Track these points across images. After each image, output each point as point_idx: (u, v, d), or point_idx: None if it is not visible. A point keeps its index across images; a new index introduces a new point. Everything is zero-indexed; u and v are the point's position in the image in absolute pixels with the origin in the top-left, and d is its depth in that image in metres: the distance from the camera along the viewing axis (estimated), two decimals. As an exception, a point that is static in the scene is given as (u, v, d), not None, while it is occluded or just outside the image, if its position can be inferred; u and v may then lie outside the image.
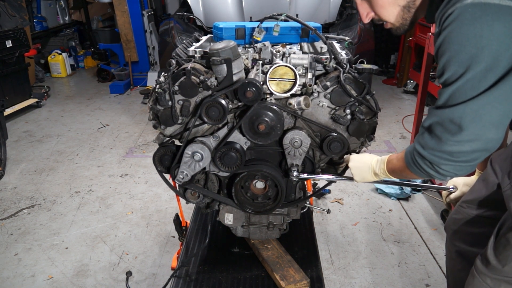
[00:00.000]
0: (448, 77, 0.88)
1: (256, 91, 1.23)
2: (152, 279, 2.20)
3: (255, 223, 1.58)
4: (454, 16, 0.83)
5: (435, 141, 0.95)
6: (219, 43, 1.27)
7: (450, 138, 0.92)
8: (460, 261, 1.51)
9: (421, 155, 1.00)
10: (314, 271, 1.52)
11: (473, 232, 1.43)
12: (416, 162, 1.03)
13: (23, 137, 4.20)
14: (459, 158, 0.93)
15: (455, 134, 0.91)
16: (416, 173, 1.07)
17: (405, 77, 5.39)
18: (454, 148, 0.92)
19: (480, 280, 1.22)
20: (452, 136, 0.91)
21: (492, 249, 1.18)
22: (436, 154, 0.96)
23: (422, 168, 1.02)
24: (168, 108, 1.32)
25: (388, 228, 2.60)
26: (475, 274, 1.24)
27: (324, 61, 1.32)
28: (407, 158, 1.08)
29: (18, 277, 2.24)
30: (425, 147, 0.98)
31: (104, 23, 7.12)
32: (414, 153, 1.03)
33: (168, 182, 1.47)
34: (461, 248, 1.51)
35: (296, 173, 1.34)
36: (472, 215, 1.45)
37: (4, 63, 4.42)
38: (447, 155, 0.94)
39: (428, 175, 1.03)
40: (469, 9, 0.81)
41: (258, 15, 1.49)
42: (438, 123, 0.94)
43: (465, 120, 0.88)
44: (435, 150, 0.96)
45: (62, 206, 2.92)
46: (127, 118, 4.68)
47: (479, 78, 0.84)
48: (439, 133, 0.94)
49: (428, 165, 1.00)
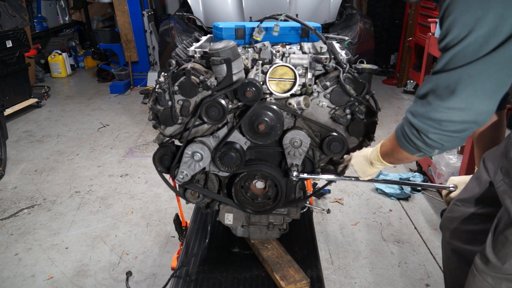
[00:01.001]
0: (449, 40, 0.86)
1: (256, 91, 1.23)
2: (152, 279, 2.20)
3: (255, 223, 1.58)
4: None
5: (425, 107, 0.92)
6: (219, 43, 1.27)
7: (440, 104, 0.89)
8: (456, 259, 1.51)
9: (410, 123, 0.97)
10: (314, 271, 1.52)
11: (468, 230, 1.44)
12: (405, 132, 1.00)
13: (23, 137, 4.20)
14: (448, 127, 0.91)
15: (446, 99, 0.88)
16: (405, 147, 1.03)
17: (405, 77, 5.39)
18: (444, 115, 0.89)
19: (481, 279, 1.21)
20: (443, 102, 0.89)
21: (491, 247, 1.17)
22: (425, 122, 0.93)
23: (410, 139, 0.98)
24: (168, 108, 1.32)
25: (388, 228, 2.60)
26: (476, 273, 1.23)
27: (324, 61, 1.32)
28: (397, 133, 1.05)
29: (18, 277, 2.24)
30: (415, 114, 0.95)
31: (104, 23, 7.12)
32: (404, 123, 1.00)
33: (168, 182, 1.47)
34: (457, 246, 1.50)
35: (296, 173, 1.34)
36: (466, 213, 1.44)
37: (4, 63, 4.42)
38: (435, 124, 0.91)
39: (416, 147, 0.99)
40: None
41: (258, 15, 1.49)
42: (432, 89, 0.91)
43: (459, 85, 0.86)
44: (424, 117, 0.93)
45: (62, 206, 2.92)
46: (127, 118, 4.68)
47: (480, 42, 0.82)
48: (431, 99, 0.91)
49: (416, 135, 0.96)
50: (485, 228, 1.26)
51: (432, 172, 2.85)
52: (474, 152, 1.55)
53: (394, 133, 1.08)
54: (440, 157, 2.69)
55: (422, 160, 3.00)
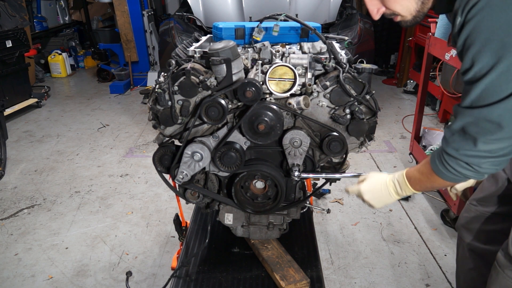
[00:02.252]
0: (478, 70, 0.82)
1: (256, 91, 1.23)
2: (152, 279, 2.20)
3: (255, 223, 1.57)
4: (483, 4, 0.79)
5: (471, 142, 0.91)
6: (219, 43, 1.27)
7: (489, 138, 0.88)
8: (472, 259, 1.51)
9: (456, 159, 0.96)
10: (314, 271, 1.51)
11: (487, 230, 1.43)
12: (451, 167, 0.98)
13: (23, 137, 4.21)
14: (499, 153, 0.90)
15: (494, 133, 0.87)
16: (450, 178, 1.02)
17: (405, 77, 5.39)
18: (494, 146, 0.89)
19: (505, 275, 1.21)
20: (491, 135, 0.88)
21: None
22: (474, 155, 0.92)
23: (459, 172, 0.97)
24: (168, 108, 1.32)
25: (388, 228, 2.60)
26: (499, 270, 1.23)
27: (323, 61, 1.32)
28: (436, 166, 1.03)
29: (18, 277, 2.24)
30: (460, 149, 0.94)
31: (104, 23, 7.12)
32: (446, 158, 0.99)
33: (168, 182, 1.47)
34: (475, 246, 1.50)
35: (298, 173, 1.34)
36: (484, 212, 1.45)
37: (4, 63, 4.42)
38: (486, 153, 0.91)
39: (466, 177, 0.99)
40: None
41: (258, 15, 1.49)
42: (473, 123, 0.89)
43: (505, 118, 0.84)
44: (472, 151, 0.92)
45: (62, 206, 2.92)
46: (127, 118, 4.68)
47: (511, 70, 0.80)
48: (474, 133, 0.90)
49: (466, 167, 0.95)
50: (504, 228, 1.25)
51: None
52: None
53: (431, 165, 1.05)
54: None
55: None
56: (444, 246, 2.41)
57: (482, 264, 1.47)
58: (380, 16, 1.05)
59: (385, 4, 1.00)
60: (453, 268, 2.22)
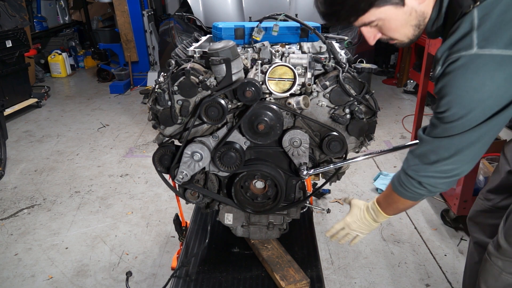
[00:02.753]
0: (448, 115, 0.94)
1: (255, 90, 1.23)
2: (152, 279, 2.20)
3: (255, 223, 1.57)
4: (460, 64, 0.88)
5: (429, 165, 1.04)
6: (218, 43, 1.27)
7: (444, 162, 1.01)
8: (478, 253, 1.55)
9: (413, 179, 1.08)
10: (314, 271, 1.51)
11: (491, 224, 1.48)
12: (406, 186, 1.11)
13: (23, 137, 4.20)
14: (451, 173, 1.03)
15: (449, 158, 1.00)
16: (408, 197, 1.14)
17: (405, 77, 5.39)
18: (448, 167, 1.02)
19: (492, 263, 1.28)
20: (447, 160, 1.01)
21: (502, 233, 1.25)
22: (431, 175, 1.05)
23: (413, 191, 1.10)
24: (168, 108, 1.32)
25: (388, 228, 2.60)
26: (487, 258, 1.30)
27: (323, 60, 1.32)
28: (395, 187, 1.15)
29: (18, 277, 2.24)
30: (419, 171, 1.06)
31: (104, 23, 7.12)
32: (403, 178, 1.12)
33: (168, 182, 1.47)
34: (480, 239, 1.55)
35: (306, 171, 1.34)
36: (488, 206, 1.50)
37: (4, 63, 4.42)
38: (441, 174, 1.03)
39: (420, 195, 1.12)
40: (474, 60, 0.87)
41: (258, 15, 1.49)
42: (433, 151, 1.02)
43: (461, 146, 0.98)
44: (429, 172, 1.04)
45: (62, 206, 2.92)
46: (127, 118, 4.68)
47: (478, 117, 0.93)
48: (433, 158, 1.02)
49: (418, 187, 1.08)
50: None
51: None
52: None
53: (393, 190, 1.17)
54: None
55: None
56: (444, 246, 2.41)
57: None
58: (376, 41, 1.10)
59: (384, 32, 1.04)
60: (453, 268, 2.23)
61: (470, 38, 0.87)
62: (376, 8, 0.95)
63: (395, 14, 0.96)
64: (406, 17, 0.98)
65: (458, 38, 0.89)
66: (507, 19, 0.85)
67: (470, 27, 0.88)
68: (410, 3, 0.95)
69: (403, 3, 0.95)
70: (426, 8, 0.98)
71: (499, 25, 0.85)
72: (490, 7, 0.86)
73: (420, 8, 0.97)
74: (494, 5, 0.86)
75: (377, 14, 0.96)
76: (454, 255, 2.33)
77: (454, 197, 2.47)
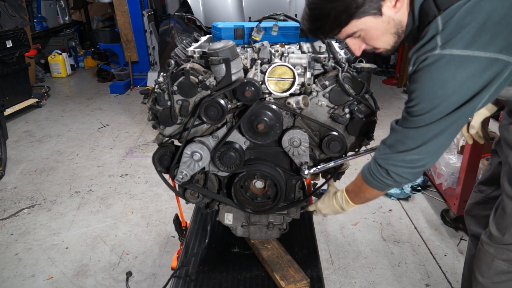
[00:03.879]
0: (416, 110, 1.03)
1: (255, 90, 1.23)
2: (152, 279, 2.20)
3: (255, 223, 1.57)
4: (427, 63, 0.97)
5: (396, 154, 1.10)
6: (218, 43, 1.27)
7: (411, 152, 1.08)
8: (474, 245, 1.60)
9: (381, 167, 1.14)
10: (314, 271, 1.51)
11: (485, 215, 1.54)
12: (374, 175, 1.17)
13: (23, 137, 4.21)
14: (416, 164, 1.09)
15: (415, 148, 1.07)
16: (375, 186, 1.20)
17: (405, 77, 5.39)
18: (413, 157, 1.08)
19: (485, 251, 1.34)
20: (413, 150, 1.07)
21: (493, 222, 1.31)
22: (398, 164, 1.11)
23: (380, 179, 1.16)
24: (167, 108, 1.32)
25: (388, 228, 2.60)
26: (480, 247, 1.36)
27: (322, 60, 1.32)
28: (365, 175, 1.21)
29: (18, 277, 2.24)
30: (388, 160, 1.12)
31: (104, 23, 7.12)
32: (372, 167, 1.18)
33: (168, 182, 1.47)
34: (476, 231, 1.59)
35: (307, 171, 1.34)
36: (481, 197, 1.56)
37: (4, 63, 4.42)
38: (407, 164, 1.10)
39: (386, 185, 1.17)
40: (438, 59, 0.95)
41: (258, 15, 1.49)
42: (401, 140, 1.09)
43: (427, 137, 1.05)
44: (396, 161, 1.11)
45: (62, 206, 2.92)
46: (127, 118, 4.68)
47: (442, 112, 1.00)
48: (401, 148, 1.09)
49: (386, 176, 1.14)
50: None
51: (432, 172, 2.85)
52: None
53: (362, 178, 1.23)
54: (440, 158, 2.68)
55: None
56: (444, 246, 2.41)
57: None
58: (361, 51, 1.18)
59: (367, 42, 1.12)
60: (453, 268, 2.23)
61: (434, 41, 0.96)
62: (357, 20, 1.03)
63: (375, 23, 1.05)
64: (385, 26, 1.06)
65: (425, 41, 0.99)
66: (466, 23, 0.93)
67: (435, 32, 0.97)
68: (387, 13, 1.04)
69: (380, 13, 1.03)
70: (402, 17, 1.06)
71: (459, 29, 0.93)
72: (452, 13, 0.95)
73: (396, 16, 1.05)
74: (455, 11, 0.95)
75: (358, 25, 1.05)
76: (454, 255, 2.33)
77: (454, 197, 2.46)
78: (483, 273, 1.37)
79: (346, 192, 1.33)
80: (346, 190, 1.34)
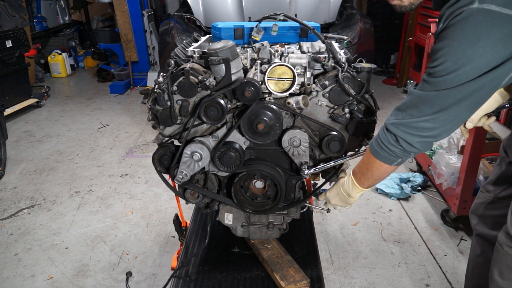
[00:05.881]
0: (439, 70, 0.96)
1: (255, 90, 1.23)
2: (152, 279, 2.20)
3: (255, 223, 1.57)
4: (461, 17, 0.91)
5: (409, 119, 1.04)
6: (218, 43, 1.27)
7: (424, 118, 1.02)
8: (480, 245, 1.57)
9: (391, 133, 1.08)
10: (314, 271, 1.51)
11: (492, 215, 1.50)
12: (383, 144, 1.11)
13: (23, 137, 4.21)
14: (427, 133, 1.04)
15: (431, 113, 1.01)
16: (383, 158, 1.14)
17: (405, 77, 5.39)
18: (426, 124, 1.02)
19: (505, 253, 1.28)
20: (428, 115, 1.01)
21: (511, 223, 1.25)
22: (408, 132, 1.05)
23: (389, 149, 1.10)
24: (167, 108, 1.32)
25: (388, 228, 2.60)
26: (499, 248, 1.30)
27: (322, 60, 1.32)
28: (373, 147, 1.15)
29: (18, 277, 2.24)
30: (399, 125, 1.06)
31: (104, 23, 7.12)
32: (381, 135, 1.12)
33: (168, 183, 1.47)
34: (482, 231, 1.57)
35: (307, 171, 1.34)
36: (489, 198, 1.53)
37: (4, 63, 4.42)
38: (418, 131, 1.04)
39: (395, 156, 1.11)
40: (474, 13, 0.89)
41: (258, 15, 1.49)
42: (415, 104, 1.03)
43: (445, 103, 0.99)
44: (407, 127, 1.05)
45: (62, 206, 2.93)
46: (127, 118, 4.68)
47: (466, 75, 0.94)
48: (415, 112, 1.03)
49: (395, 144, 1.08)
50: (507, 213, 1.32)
51: (432, 172, 2.85)
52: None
53: (369, 150, 1.18)
54: (440, 157, 2.68)
55: (422, 161, 2.99)
56: (444, 246, 2.41)
57: (489, 250, 1.50)
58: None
59: None
60: (453, 268, 2.23)
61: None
62: None
63: None
64: None
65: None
66: None
67: None
68: None
69: None
70: None
71: None
72: None
73: None
74: None
75: None
76: (454, 255, 2.33)
77: (454, 197, 2.46)
78: (504, 276, 1.32)
79: (353, 174, 1.29)
80: (353, 171, 1.29)
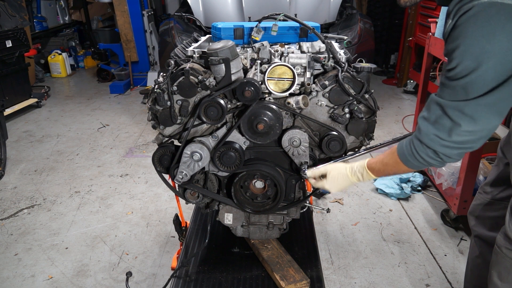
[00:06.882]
0: (460, 71, 0.91)
1: (255, 90, 1.23)
2: (152, 279, 2.20)
3: (255, 222, 1.57)
4: (472, 13, 0.87)
5: (445, 133, 0.99)
6: (218, 43, 1.27)
7: (462, 130, 0.96)
8: (478, 246, 1.57)
9: (428, 148, 1.03)
10: (314, 271, 1.51)
11: (490, 216, 1.50)
12: (419, 155, 1.06)
13: (23, 137, 4.20)
14: (467, 145, 1.00)
15: (466, 125, 0.95)
16: (415, 166, 1.10)
17: (405, 77, 5.39)
18: (465, 138, 0.98)
19: (504, 255, 1.27)
20: (463, 126, 0.96)
21: (509, 225, 1.24)
22: (447, 145, 1.00)
23: (425, 160, 1.05)
24: (167, 108, 1.32)
25: (388, 228, 2.60)
26: (498, 251, 1.29)
27: (322, 60, 1.32)
28: (404, 156, 1.10)
29: (18, 277, 2.24)
30: (435, 140, 1.01)
31: (104, 23, 7.12)
32: (416, 147, 1.06)
33: (168, 183, 1.47)
34: (480, 233, 1.57)
35: (307, 171, 1.34)
36: (487, 199, 1.53)
37: (4, 63, 4.42)
38: (458, 144, 0.99)
39: (429, 165, 1.07)
40: (486, 8, 0.86)
41: (258, 15, 1.49)
42: (447, 114, 0.97)
43: (478, 114, 0.94)
44: (446, 141, 0.99)
45: (62, 206, 2.92)
46: (127, 118, 4.68)
47: (490, 74, 0.89)
48: (447, 124, 0.98)
49: (433, 156, 1.03)
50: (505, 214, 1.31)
51: (432, 172, 2.85)
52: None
53: (398, 155, 1.12)
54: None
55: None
56: (444, 246, 2.41)
57: (488, 251, 1.50)
58: None
59: None
60: (453, 268, 2.23)
61: None
62: None
63: None
64: None
65: None
66: None
67: None
68: None
69: None
70: None
71: None
72: None
73: None
74: None
75: None
76: (454, 255, 2.33)
77: (454, 197, 2.46)
78: (503, 278, 1.31)
79: (370, 169, 1.24)
80: (370, 166, 1.23)
